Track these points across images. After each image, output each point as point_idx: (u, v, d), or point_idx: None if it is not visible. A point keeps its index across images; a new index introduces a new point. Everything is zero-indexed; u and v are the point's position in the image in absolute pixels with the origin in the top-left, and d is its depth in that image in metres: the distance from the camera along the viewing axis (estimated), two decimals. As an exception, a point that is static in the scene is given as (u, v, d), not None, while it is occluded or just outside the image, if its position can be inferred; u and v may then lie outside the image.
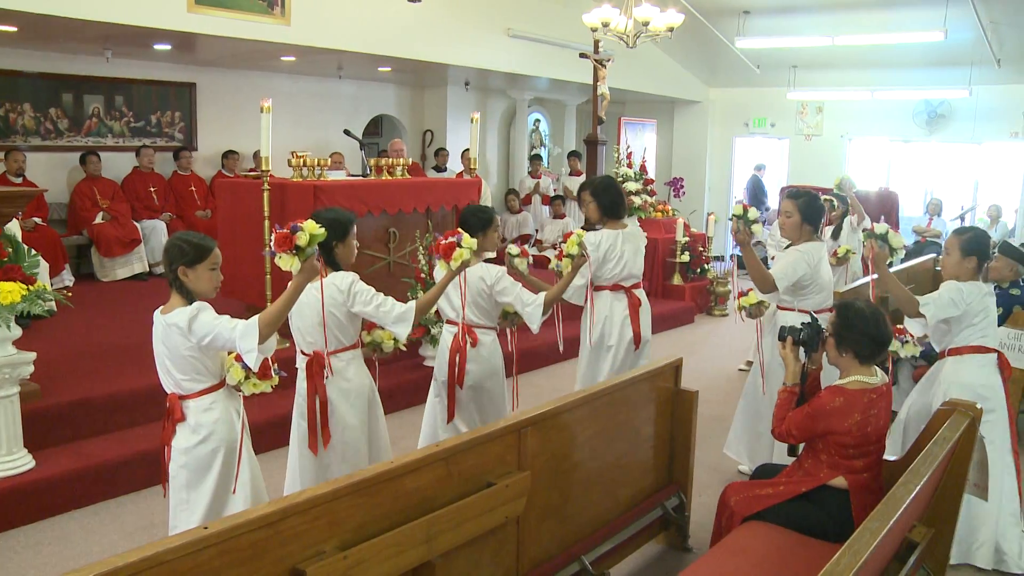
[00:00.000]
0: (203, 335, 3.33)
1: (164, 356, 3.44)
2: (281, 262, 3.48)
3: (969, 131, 13.85)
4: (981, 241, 4.60)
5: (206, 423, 3.46)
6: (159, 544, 2.25)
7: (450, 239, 4.04)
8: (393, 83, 13.63)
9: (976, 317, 4.53)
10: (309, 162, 6.90)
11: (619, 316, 5.35)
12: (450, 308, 4.62)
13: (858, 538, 2.55)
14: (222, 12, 7.84)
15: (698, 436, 4.67)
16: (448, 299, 4.58)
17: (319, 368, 3.99)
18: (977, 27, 11.03)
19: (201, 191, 10.67)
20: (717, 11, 12.38)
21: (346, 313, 3.93)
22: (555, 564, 3.65)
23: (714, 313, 10.87)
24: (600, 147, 9.61)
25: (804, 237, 5.07)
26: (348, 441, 4.04)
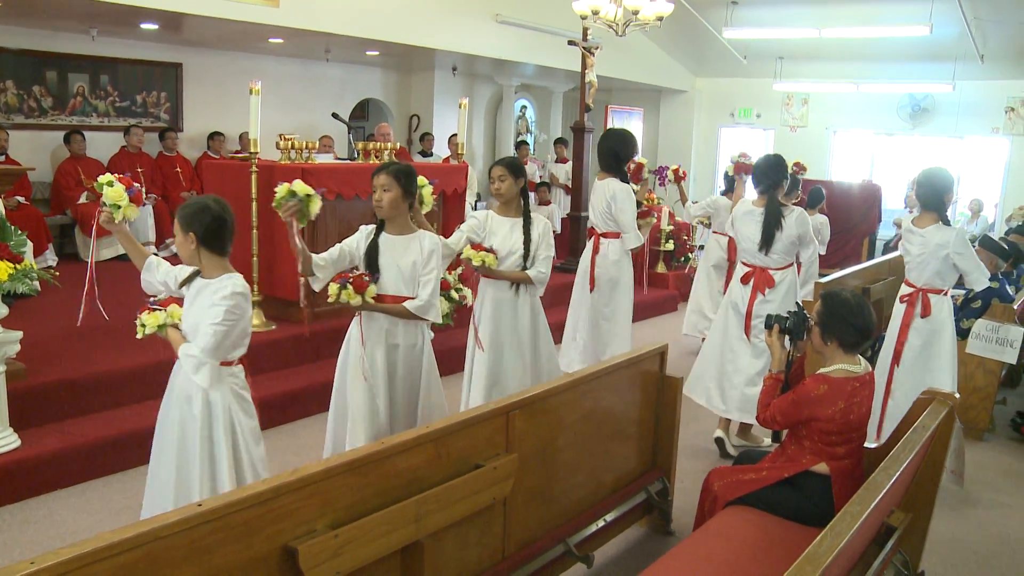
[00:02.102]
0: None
1: None
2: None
3: (952, 125, 13.96)
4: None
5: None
6: (154, 520, 2.27)
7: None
8: (380, 67, 13.61)
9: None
10: (298, 145, 6.90)
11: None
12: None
13: (839, 522, 2.60)
14: (210, -8, 7.82)
15: (682, 422, 4.72)
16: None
17: None
18: (962, 22, 11.11)
19: (187, 172, 10.63)
20: (705, 1, 12.41)
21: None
22: (540, 546, 3.69)
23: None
24: (586, 135, 9.62)
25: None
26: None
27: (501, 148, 14.93)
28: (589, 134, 9.65)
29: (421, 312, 4.17)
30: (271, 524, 2.53)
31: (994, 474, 5.61)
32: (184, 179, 10.52)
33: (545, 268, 5.06)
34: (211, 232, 3.46)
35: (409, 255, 4.20)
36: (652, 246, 10.81)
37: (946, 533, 4.77)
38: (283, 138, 6.94)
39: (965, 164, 14.01)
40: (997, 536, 4.83)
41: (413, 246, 4.22)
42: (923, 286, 5.20)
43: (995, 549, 4.67)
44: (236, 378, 3.59)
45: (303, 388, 6.20)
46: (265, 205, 6.57)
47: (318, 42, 10.53)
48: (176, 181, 10.45)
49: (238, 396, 3.58)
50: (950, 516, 4.98)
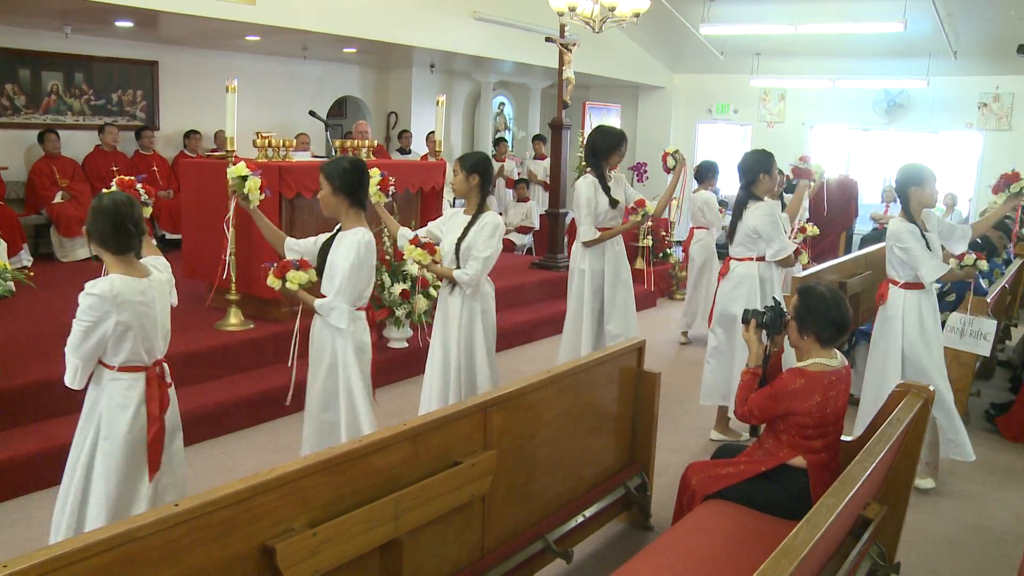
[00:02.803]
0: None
1: (163, 316, 3.53)
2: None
3: (926, 121, 14.08)
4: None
5: (168, 385, 3.65)
6: (131, 521, 2.27)
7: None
8: (358, 64, 13.57)
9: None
10: (275, 143, 6.88)
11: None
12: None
13: (815, 514, 2.62)
14: (185, -11, 7.77)
15: (660, 417, 4.74)
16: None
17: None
18: (935, 19, 11.20)
19: (163, 171, 10.56)
20: (682, -3, 12.46)
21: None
22: (520, 542, 3.70)
23: (676, 297, 10.97)
24: (564, 131, 9.62)
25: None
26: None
27: (479, 145, 14.93)
28: (567, 131, 9.66)
29: (322, 312, 4.19)
30: (249, 523, 2.53)
31: (968, 465, 5.66)
32: (161, 178, 10.45)
33: (473, 269, 4.83)
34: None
35: (338, 251, 4.21)
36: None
37: (921, 524, 4.82)
38: (260, 136, 6.92)
39: (940, 159, 14.11)
40: (971, 526, 4.88)
41: (344, 242, 4.22)
42: (887, 276, 5.28)
43: (968, 539, 4.72)
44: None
45: (282, 387, 6.17)
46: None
47: (295, 39, 10.49)
48: (153, 180, 10.36)
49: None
50: (925, 507, 5.04)
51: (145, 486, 3.49)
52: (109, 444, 3.42)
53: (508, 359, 8.00)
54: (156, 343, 3.48)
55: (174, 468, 3.68)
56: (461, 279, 4.86)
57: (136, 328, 3.36)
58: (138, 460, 3.47)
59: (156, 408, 3.46)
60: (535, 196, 13.15)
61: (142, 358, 3.42)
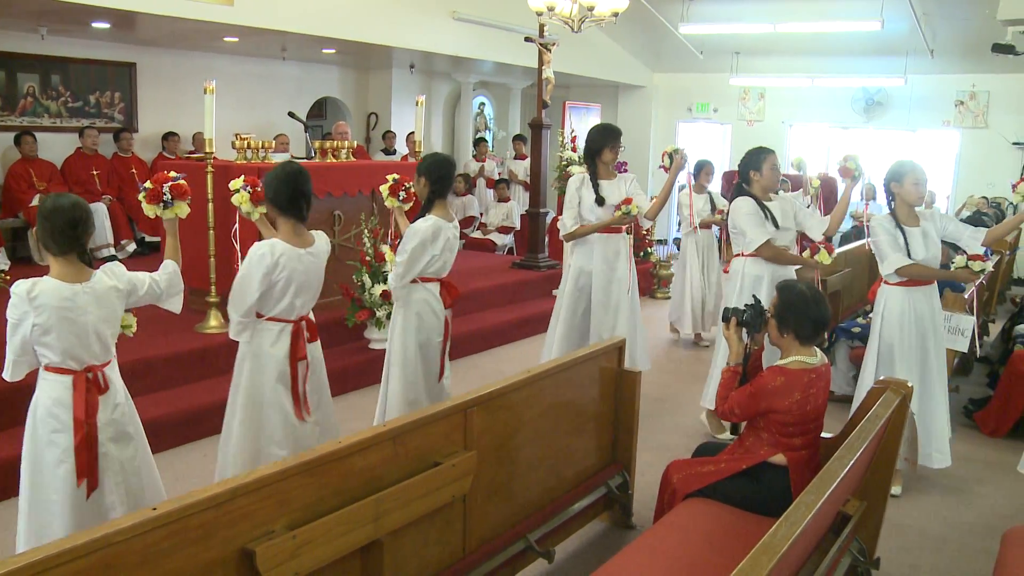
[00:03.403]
0: (140, 289, 3.58)
1: (99, 323, 3.42)
2: (175, 209, 3.95)
3: (904, 119, 14.17)
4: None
5: (119, 387, 3.59)
6: (108, 526, 2.25)
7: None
8: (338, 65, 13.54)
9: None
10: (254, 144, 6.85)
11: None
12: (443, 266, 4.92)
13: (794, 511, 2.63)
14: (162, -10, 7.72)
15: (641, 416, 4.75)
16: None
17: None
18: (912, 18, 11.27)
19: (143, 173, 10.45)
20: (661, -4, 12.49)
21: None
22: (501, 542, 3.70)
23: (657, 296, 11.00)
24: (544, 131, 9.63)
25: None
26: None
27: (460, 145, 14.92)
28: (547, 130, 9.67)
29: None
30: (228, 526, 2.52)
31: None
32: (140, 180, 10.36)
33: (392, 274, 4.89)
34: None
35: None
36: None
37: (901, 519, 4.86)
38: (239, 138, 6.89)
39: (918, 156, 14.19)
40: (950, 520, 4.92)
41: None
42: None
43: (948, 533, 4.76)
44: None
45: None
46: (221, 206, 6.52)
47: (274, 40, 10.45)
48: (132, 182, 10.29)
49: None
50: (904, 502, 5.07)
51: (73, 495, 3.44)
52: (46, 449, 3.40)
53: (489, 359, 8.01)
54: (86, 350, 3.40)
55: (126, 477, 3.59)
56: (390, 287, 4.90)
57: (58, 332, 3.30)
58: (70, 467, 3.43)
59: (81, 413, 3.38)
60: (516, 196, 13.15)
61: (67, 363, 3.37)
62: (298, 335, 4.15)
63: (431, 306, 4.92)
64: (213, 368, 6.27)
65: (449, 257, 4.95)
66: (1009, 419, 6.26)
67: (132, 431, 3.65)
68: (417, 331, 4.92)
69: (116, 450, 3.54)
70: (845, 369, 7.01)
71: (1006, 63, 11.77)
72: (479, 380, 6.68)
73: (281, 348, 4.13)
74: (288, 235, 4.08)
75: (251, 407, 4.17)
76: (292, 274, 4.04)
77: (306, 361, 4.20)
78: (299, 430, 4.20)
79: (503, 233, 12.69)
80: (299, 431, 4.20)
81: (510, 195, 12.98)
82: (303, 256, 4.08)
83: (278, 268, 4.00)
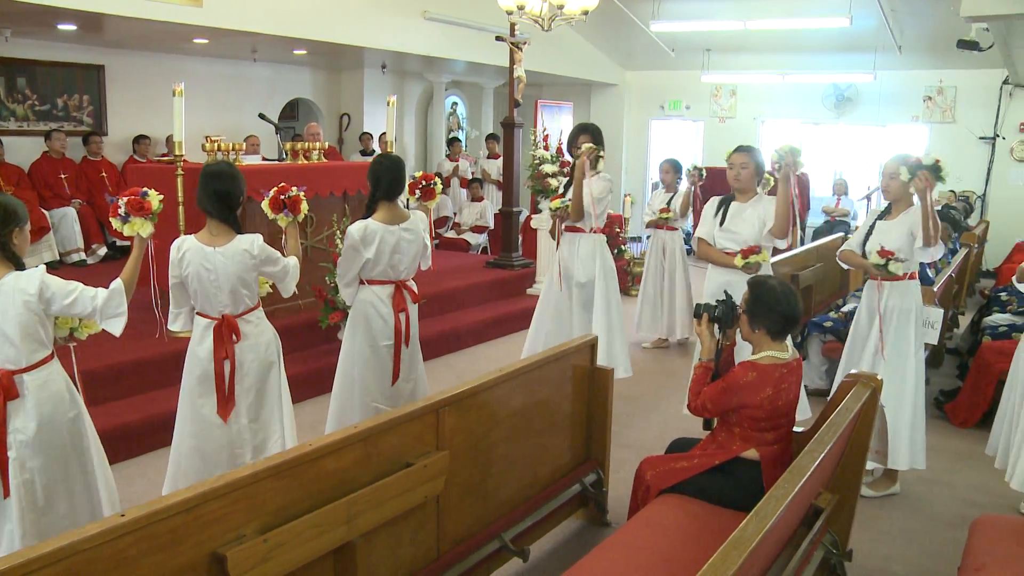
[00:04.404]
0: (62, 300, 3.45)
1: (10, 325, 3.38)
2: (132, 226, 3.85)
3: (874, 114, 14.31)
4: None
5: (45, 398, 3.47)
6: (74, 533, 2.23)
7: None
8: (309, 66, 13.48)
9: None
10: (224, 147, 6.81)
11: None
12: (390, 269, 4.84)
13: (764, 505, 2.65)
14: (130, -8, 7.65)
15: (615, 413, 4.77)
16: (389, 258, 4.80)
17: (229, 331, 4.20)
18: (880, 14, 11.38)
19: (112, 177, 10.38)
20: (632, -6, 12.53)
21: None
22: (475, 542, 3.70)
23: (631, 293, 11.01)
24: (517, 130, 9.63)
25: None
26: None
27: (433, 145, 14.90)
28: (519, 129, 9.67)
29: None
30: (198, 531, 2.51)
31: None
32: (110, 184, 10.28)
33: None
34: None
35: None
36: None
37: (873, 511, 4.90)
38: (209, 140, 6.84)
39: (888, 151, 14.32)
40: (921, 511, 4.97)
41: None
42: None
43: (919, 524, 4.81)
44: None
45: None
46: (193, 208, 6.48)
47: (244, 42, 10.38)
48: (102, 186, 10.20)
49: None
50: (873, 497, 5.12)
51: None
52: None
53: (464, 359, 8.01)
54: None
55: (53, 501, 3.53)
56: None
57: None
58: None
59: None
60: (489, 195, 13.15)
61: None
62: (220, 332, 4.19)
63: (376, 309, 4.87)
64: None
65: (398, 260, 4.86)
66: (978, 410, 6.33)
67: (55, 442, 3.55)
68: (364, 334, 4.90)
69: (33, 462, 3.46)
70: (818, 363, 7.06)
71: (972, 59, 11.90)
72: (454, 379, 6.68)
73: (205, 347, 4.21)
74: (204, 233, 4.20)
75: (184, 404, 4.34)
76: (198, 271, 4.12)
77: (230, 360, 4.23)
78: (227, 429, 4.28)
79: (477, 232, 12.68)
80: (228, 430, 4.29)
81: (483, 194, 12.98)
82: (210, 254, 4.13)
83: (183, 264, 4.13)
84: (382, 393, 4.97)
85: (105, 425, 4.83)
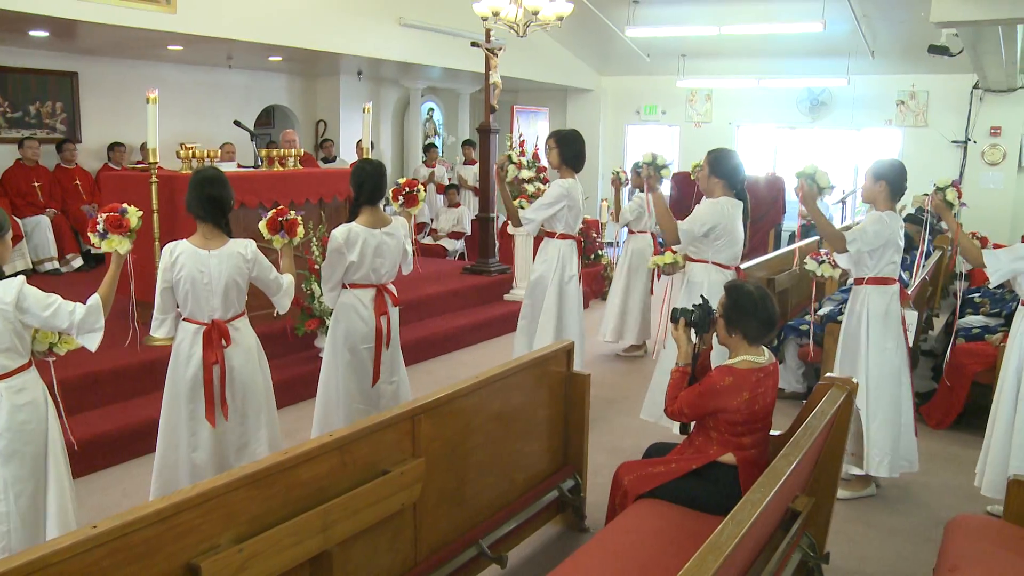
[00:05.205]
0: (40, 312, 3.43)
1: None
2: (110, 243, 3.84)
3: (848, 118, 14.43)
4: (888, 166, 5.13)
5: (20, 405, 3.44)
6: (45, 546, 2.21)
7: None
8: (285, 73, 13.43)
9: (892, 247, 5.01)
10: (199, 154, 6.77)
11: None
12: (372, 272, 4.86)
13: (741, 509, 2.65)
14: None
15: (592, 418, 4.78)
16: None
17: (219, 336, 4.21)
18: (852, 20, 11.48)
19: (87, 185, 10.29)
20: (607, 0, 12.55)
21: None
22: (453, 549, 3.69)
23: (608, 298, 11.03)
24: (493, 136, 9.64)
25: (719, 191, 5.38)
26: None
27: (409, 151, 14.88)
28: (495, 135, 9.68)
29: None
30: (172, 542, 2.48)
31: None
32: (84, 192, 10.19)
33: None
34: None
35: None
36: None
37: (850, 513, 4.93)
38: (183, 147, 6.81)
39: (863, 155, 14.47)
40: (897, 512, 5.01)
41: None
42: None
43: (895, 525, 4.84)
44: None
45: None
46: (167, 216, 6.45)
47: (219, 49, 10.34)
48: (76, 194, 10.12)
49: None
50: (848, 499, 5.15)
51: None
52: None
53: (442, 365, 8.00)
54: None
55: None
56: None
57: None
58: None
59: None
60: (466, 201, 13.15)
61: None
62: (210, 337, 4.19)
63: (358, 313, 4.89)
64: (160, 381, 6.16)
65: (380, 263, 4.89)
66: (953, 411, 6.39)
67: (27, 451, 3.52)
68: (345, 338, 4.92)
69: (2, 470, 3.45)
70: (794, 367, 7.10)
71: (943, 63, 12.05)
72: (432, 385, 6.64)
73: (195, 352, 4.21)
74: (197, 237, 4.22)
75: (167, 412, 4.35)
76: (191, 274, 4.13)
77: (220, 365, 4.23)
78: (215, 434, 4.29)
79: (454, 239, 12.67)
80: (215, 435, 4.30)
81: (460, 200, 12.98)
82: (205, 257, 4.15)
83: (176, 267, 4.13)
84: (363, 396, 4.99)
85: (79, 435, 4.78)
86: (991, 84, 12.95)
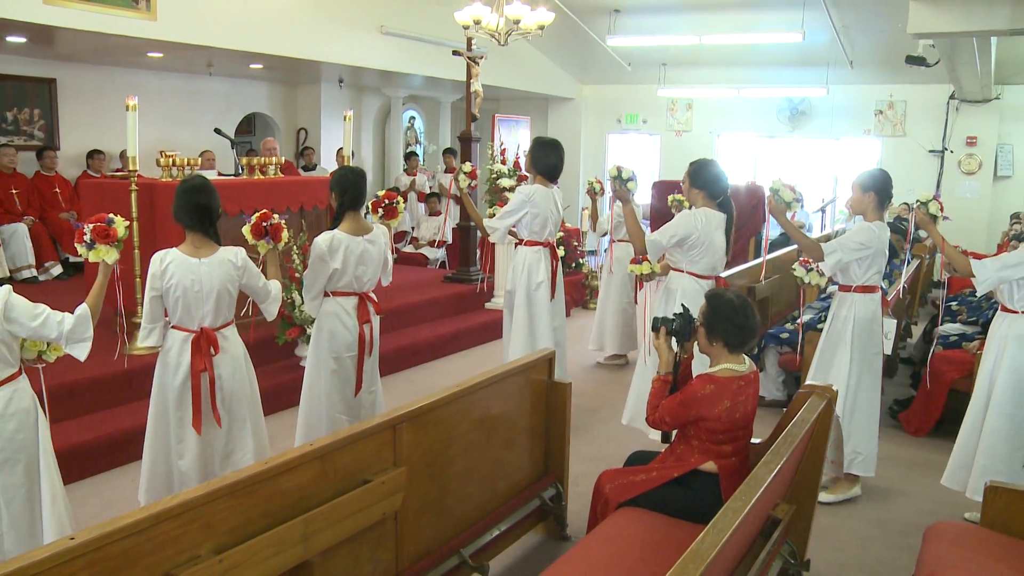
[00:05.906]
0: (28, 321, 3.42)
1: None
2: (98, 253, 3.88)
3: (828, 128, 14.53)
4: (874, 176, 5.28)
5: (11, 414, 3.43)
6: (22, 558, 2.18)
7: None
8: (266, 80, 13.40)
9: (880, 256, 5.08)
10: (179, 161, 6.74)
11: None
12: (355, 280, 4.84)
13: (721, 517, 2.66)
14: (82, 5, 7.55)
15: (573, 427, 4.78)
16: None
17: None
18: (831, 30, 11.57)
19: (66, 192, 10.22)
20: (588, 9, 12.59)
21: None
22: (435, 558, 3.69)
23: (589, 307, 11.05)
24: (474, 144, 9.65)
25: (700, 201, 5.42)
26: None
27: (390, 160, 14.88)
28: (476, 144, 9.68)
29: None
30: (151, 553, 2.47)
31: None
32: (63, 199, 10.12)
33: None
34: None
35: None
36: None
37: (830, 521, 4.95)
38: (163, 155, 6.78)
39: (841, 164, 14.57)
40: (877, 519, 5.03)
41: None
42: None
43: (875, 532, 4.87)
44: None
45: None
46: (146, 224, 6.41)
47: (199, 56, 10.30)
48: (55, 202, 10.05)
49: None
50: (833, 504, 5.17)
51: None
52: None
53: (423, 374, 7.98)
54: None
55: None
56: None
57: None
58: None
59: None
60: (447, 210, 13.14)
61: None
62: (199, 345, 4.18)
63: (341, 321, 4.88)
64: (141, 391, 6.10)
65: (363, 271, 4.89)
66: (931, 418, 6.43)
67: (19, 459, 3.51)
68: (329, 346, 4.90)
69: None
70: (775, 375, 7.13)
71: (920, 74, 12.15)
72: (413, 395, 6.65)
73: (183, 360, 4.19)
74: (187, 245, 4.23)
75: (154, 420, 4.32)
76: (182, 282, 4.13)
77: (208, 372, 4.23)
78: (202, 442, 4.28)
79: (435, 247, 12.66)
80: (202, 441, 4.28)
81: (441, 209, 12.96)
82: (195, 265, 4.17)
83: (166, 276, 4.13)
84: (346, 405, 4.98)
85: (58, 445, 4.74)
86: (967, 95, 13.08)
